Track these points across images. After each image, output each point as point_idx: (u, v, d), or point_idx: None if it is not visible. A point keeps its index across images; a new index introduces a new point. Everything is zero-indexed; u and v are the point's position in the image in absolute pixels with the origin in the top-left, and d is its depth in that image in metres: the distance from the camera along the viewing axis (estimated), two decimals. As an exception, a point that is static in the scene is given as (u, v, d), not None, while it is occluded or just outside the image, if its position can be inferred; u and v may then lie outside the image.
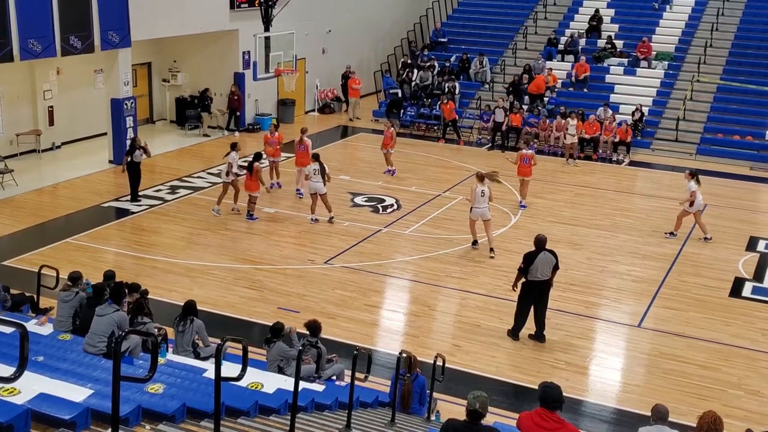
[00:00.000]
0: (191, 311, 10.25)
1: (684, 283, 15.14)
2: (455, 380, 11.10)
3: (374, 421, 8.92)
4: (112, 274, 10.89)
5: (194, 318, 10.20)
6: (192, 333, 10.10)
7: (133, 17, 20.81)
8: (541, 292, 12.47)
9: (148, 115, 26.41)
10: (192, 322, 10.13)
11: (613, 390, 11.61)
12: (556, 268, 12.47)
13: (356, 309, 13.63)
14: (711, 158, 24.05)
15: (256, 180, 17.32)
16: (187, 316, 10.19)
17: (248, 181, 17.49)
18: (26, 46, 18.05)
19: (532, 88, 26.54)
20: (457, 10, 33.00)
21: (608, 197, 20.51)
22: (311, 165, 17.45)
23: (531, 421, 6.43)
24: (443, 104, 25.30)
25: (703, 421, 6.76)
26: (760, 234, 17.97)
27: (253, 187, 17.41)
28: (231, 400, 7.52)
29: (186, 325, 10.12)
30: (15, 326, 4.40)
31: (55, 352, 8.81)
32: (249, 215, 17.63)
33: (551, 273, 12.41)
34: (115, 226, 17.37)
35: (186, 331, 10.10)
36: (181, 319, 10.19)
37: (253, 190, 17.46)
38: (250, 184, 17.44)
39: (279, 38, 22.33)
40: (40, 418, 6.17)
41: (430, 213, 18.50)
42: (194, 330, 10.12)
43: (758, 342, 12.94)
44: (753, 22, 28.64)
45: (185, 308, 10.31)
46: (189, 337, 10.08)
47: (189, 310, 10.26)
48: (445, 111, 25.22)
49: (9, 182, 19.27)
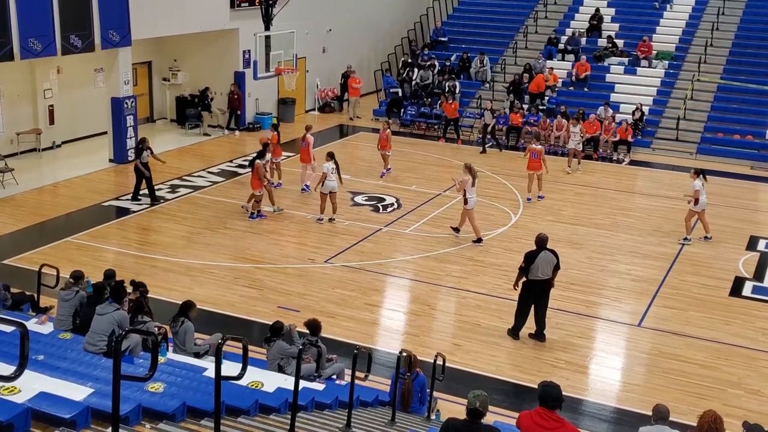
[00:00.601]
0: (184, 312, 10.22)
1: (684, 283, 15.14)
2: (455, 379, 11.10)
3: (374, 421, 8.92)
4: (113, 273, 10.88)
5: (185, 320, 10.15)
6: (183, 334, 10.08)
7: (133, 16, 20.81)
8: (542, 292, 12.46)
9: (149, 114, 26.40)
10: (183, 324, 10.10)
11: (613, 389, 11.61)
12: (557, 268, 12.46)
13: (356, 308, 13.63)
14: (711, 157, 24.03)
15: (257, 178, 17.30)
16: (180, 317, 10.17)
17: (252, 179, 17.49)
18: (26, 45, 18.05)
19: (532, 87, 26.55)
20: (458, 9, 32.99)
21: (608, 196, 20.50)
22: (328, 163, 17.36)
23: (531, 420, 6.44)
24: (446, 103, 25.26)
25: (703, 420, 6.76)
26: (760, 233, 17.97)
27: (255, 185, 17.39)
28: (231, 399, 7.52)
29: (178, 326, 10.12)
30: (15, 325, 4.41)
31: (55, 351, 8.81)
32: (252, 214, 17.57)
33: (552, 273, 12.40)
34: (116, 225, 17.37)
35: (178, 332, 10.10)
36: (174, 320, 10.19)
37: (255, 188, 17.44)
38: (253, 182, 17.43)
39: (279, 37, 22.31)
40: (40, 417, 6.18)
41: (430, 212, 18.50)
42: (184, 330, 10.07)
43: (758, 341, 12.94)
44: (753, 21, 28.62)
45: (180, 308, 10.29)
46: (181, 338, 10.08)
47: (182, 311, 10.21)
48: (448, 110, 25.19)
49: (9, 181, 19.28)
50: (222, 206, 18.18)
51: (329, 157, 17.48)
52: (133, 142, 21.71)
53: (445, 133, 25.71)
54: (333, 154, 17.65)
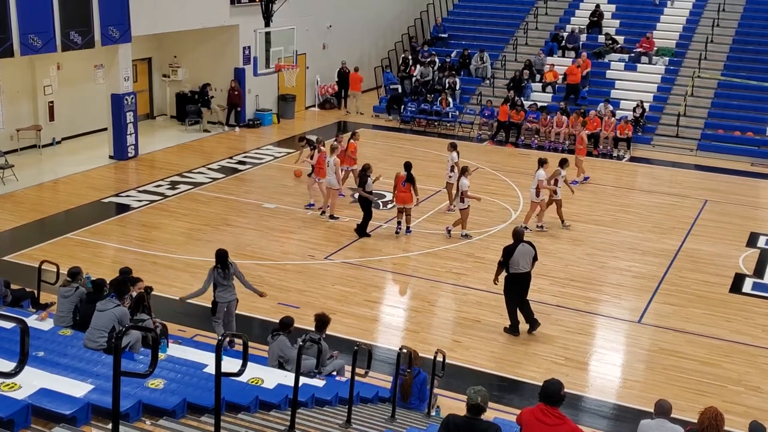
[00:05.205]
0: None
1: (684, 279, 15.14)
2: (455, 376, 11.10)
3: (374, 417, 8.93)
4: (129, 270, 10.94)
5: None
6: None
7: (133, 12, 20.79)
8: (524, 284, 12.59)
9: (149, 111, 26.38)
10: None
11: (613, 386, 11.62)
12: (535, 259, 12.64)
13: (356, 305, 13.63)
14: (712, 154, 24.01)
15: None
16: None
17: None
18: (26, 42, 18.03)
19: (570, 78, 26.27)
20: (458, 6, 32.96)
21: (609, 193, 20.49)
22: (330, 158, 17.33)
23: (532, 416, 6.44)
24: (502, 106, 25.18)
25: (704, 417, 6.75)
26: (760, 230, 17.96)
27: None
28: (231, 396, 7.53)
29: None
30: (15, 321, 4.41)
31: (55, 347, 8.80)
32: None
33: (531, 264, 12.54)
34: (116, 221, 17.37)
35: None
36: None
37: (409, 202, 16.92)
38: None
39: (279, 33, 22.27)
40: (40, 413, 6.18)
41: (430, 209, 18.49)
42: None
43: (758, 338, 12.95)
44: (754, 17, 28.59)
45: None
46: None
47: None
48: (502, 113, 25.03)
49: (9, 177, 19.27)
50: (222, 203, 18.16)
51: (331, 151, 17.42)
52: (133, 138, 21.73)
53: (507, 138, 25.19)
54: (333, 148, 17.59)
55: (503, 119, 25.04)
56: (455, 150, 18.39)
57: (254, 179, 20.68)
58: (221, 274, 11.26)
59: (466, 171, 16.60)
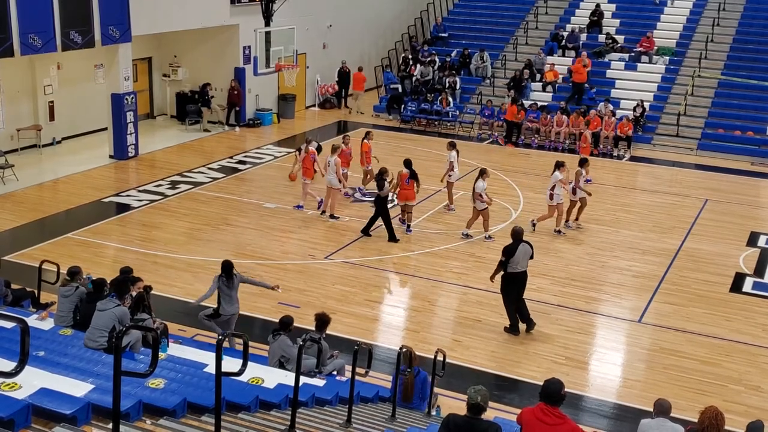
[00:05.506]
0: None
1: (685, 279, 15.14)
2: (455, 375, 11.10)
3: (375, 417, 8.93)
4: (130, 270, 10.94)
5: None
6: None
7: (133, 12, 20.78)
8: (521, 283, 12.65)
9: (149, 110, 26.38)
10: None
11: (613, 385, 11.62)
12: (531, 258, 12.72)
13: (357, 304, 13.63)
14: (712, 153, 24.01)
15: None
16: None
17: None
18: (26, 41, 18.03)
19: (576, 77, 26.18)
20: (458, 5, 32.96)
21: (609, 192, 20.48)
22: (330, 157, 17.38)
23: (532, 415, 6.44)
24: (508, 105, 25.00)
25: (704, 416, 6.75)
26: (760, 229, 17.95)
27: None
28: (232, 395, 7.53)
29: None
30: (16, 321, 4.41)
31: (55, 347, 8.80)
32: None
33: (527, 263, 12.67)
34: (116, 221, 17.37)
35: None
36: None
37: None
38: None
39: (279, 33, 22.28)
40: (41, 413, 6.18)
41: (430, 208, 18.49)
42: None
43: (759, 337, 12.95)
44: (754, 17, 28.58)
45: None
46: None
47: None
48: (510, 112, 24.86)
49: (9, 177, 19.27)
50: (222, 202, 18.14)
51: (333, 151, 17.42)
52: (133, 138, 21.73)
53: (510, 138, 25.10)
54: (335, 148, 17.61)
55: (511, 119, 25.00)
56: (454, 149, 18.41)
57: (254, 179, 20.69)
58: (225, 283, 11.22)
59: (485, 173, 16.50)
